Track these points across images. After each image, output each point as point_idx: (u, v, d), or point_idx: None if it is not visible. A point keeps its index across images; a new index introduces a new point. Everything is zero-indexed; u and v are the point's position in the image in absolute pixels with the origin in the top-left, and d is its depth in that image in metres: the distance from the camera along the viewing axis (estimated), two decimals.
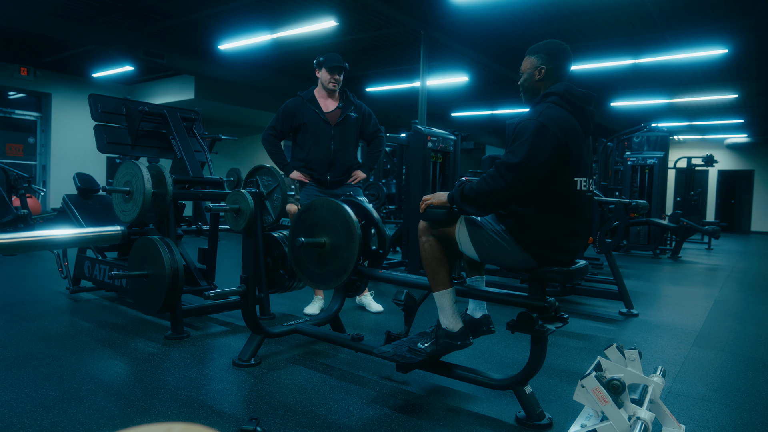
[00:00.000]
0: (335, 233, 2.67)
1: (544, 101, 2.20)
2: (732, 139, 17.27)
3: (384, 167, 8.04)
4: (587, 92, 2.22)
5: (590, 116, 2.24)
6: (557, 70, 2.27)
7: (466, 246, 2.28)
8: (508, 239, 2.21)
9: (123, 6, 7.74)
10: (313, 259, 2.77)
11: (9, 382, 2.54)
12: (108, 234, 3.45)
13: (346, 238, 2.62)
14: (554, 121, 2.08)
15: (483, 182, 2.12)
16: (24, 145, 11.52)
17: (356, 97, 3.96)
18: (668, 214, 9.33)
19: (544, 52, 2.28)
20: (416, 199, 5.31)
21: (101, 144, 4.24)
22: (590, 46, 8.80)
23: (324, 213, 2.72)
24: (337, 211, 2.67)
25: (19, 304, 4.16)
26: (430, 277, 2.37)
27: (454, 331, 2.32)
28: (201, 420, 2.19)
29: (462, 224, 2.29)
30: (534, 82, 2.30)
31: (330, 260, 2.70)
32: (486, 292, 2.43)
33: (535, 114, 2.13)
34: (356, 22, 8.15)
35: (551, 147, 2.05)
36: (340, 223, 2.65)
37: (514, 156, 2.07)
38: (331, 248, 2.69)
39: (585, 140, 2.22)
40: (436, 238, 2.35)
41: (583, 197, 2.20)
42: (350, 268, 2.61)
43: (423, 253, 2.37)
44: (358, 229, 2.60)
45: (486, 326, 2.50)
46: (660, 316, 4.45)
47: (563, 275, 2.19)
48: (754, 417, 2.42)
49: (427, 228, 2.37)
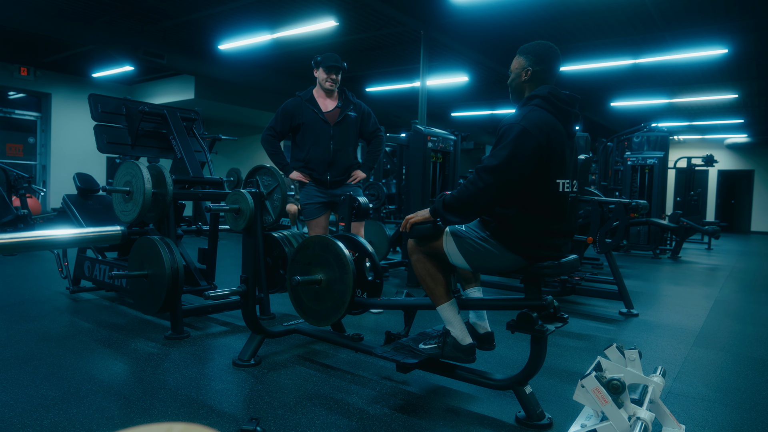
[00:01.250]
0: (329, 268, 2.71)
1: (528, 104, 2.22)
2: (732, 139, 17.26)
3: (384, 167, 8.04)
4: (571, 95, 2.24)
5: (574, 119, 2.27)
6: (543, 72, 2.29)
7: (456, 257, 2.29)
8: (494, 243, 2.22)
9: (123, 6, 7.74)
10: (311, 296, 2.80)
11: (9, 382, 2.54)
12: (108, 234, 3.45)
13: (340, 272, 2.65)
14: (536, 125, 2.10)
15: (463, 188, 2.15)
16: (24, 145, 11.52)
17: (355, 97, 3.95)
18: (668, 214, 9.33)
19: (533, 53, 2.30)
20: (416, 199, 5.31)
21: (101, 144, 4.24)
22: (590, 46, 8.80)
23: (317, 250, 2.76)
24: (329, 247, 2.71)
25: (19, 304, 4.16)
26: (429, 294, 2.39)
27: (463, 345, 2.33)
28: (201, 420, 2.19)
29: (448, 236, 2.31)
30: (520, 83, 2.33)
31: (327, 296, 2.73)
32: (483, 301, 2.45)
33: (518, 117, 2.15)
34: (356, 22, 8.15)
35: (531, 151, 2.07)
36: (333, 257, 2.69)
37: (494, 159, 2.10)
38: (327, 284, 2.73)
39: (569, 142, 2.24)
40: (426, 254, 2.37)
41: (566, 199, 2.21)
42: (347, 300, 2.64)
43: (416, 271, 2.40)
44: (351, 263, 2.63)
45: (488, 344, 2.52)
46: (660, 316, 4.45)
47: (555, 269, 2.20)
48: (754, 417, 2.42)
49: (415, 246, 2.40)
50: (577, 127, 2.32)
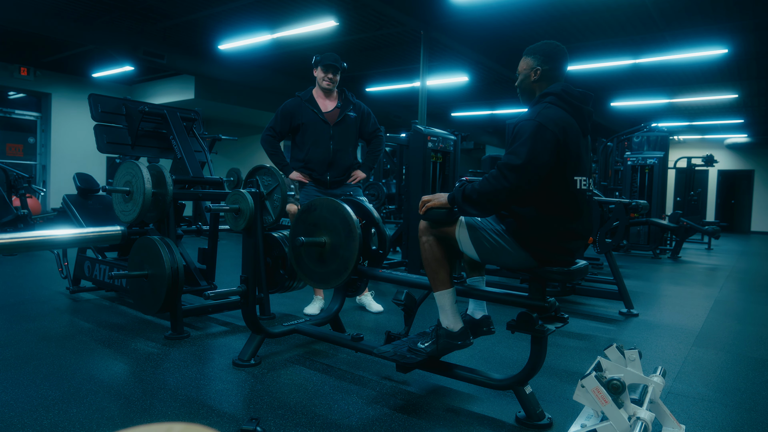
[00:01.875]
0: (335, 232, 2.67)
1: (541, 101, 2.21)
2: (732, 139, 17.26)
3: (384, 167, 8.05)
4: (584, 92, 2.23)
5: (588, 116, 2.25)
6: (553, 71, 2.29)
7: (467, 246, 2.28)
8: (508, 239, 2.21)
9: (123, 6, 7.74)
10: (314, 259, 2.77)
11: (9, 382, 2.54)
12: (108, 234, 3.46)
13: (346, 237, 2.62)
14: (552, 121, 2.09)
15: (486, 183, 2.12)
16: (24, 145, 11.52)
17: (355, 97, 3.95)
18: (668, 214, 9.33)
19: (540, 53, 2.30)
20: (416, 199, 5.30)
21: (101, 144, 4.24)
22: (590, 46, 8.79)
23: (324, 212, 2.72)
24: (337, 210, 2.67)
25: (19, 304, 4.16)
26: (430, 277, 2.37)
27: (455, 331, 2.32)
28: (201, 420, 2.19)
29: (462, 224, 2.30)
30: (530, 83, 2.32)
31: (330, 259, 2.70)
32: (486, 292, 2.43)
33: (533, 114, 2.14)
34: (356, 22, 8.15)
35: (551, 146, 2.06)
36: (340, 222, 2.65)
37: (516, 157, 2.07)
38: (332, 247, 2.69)
39: (583, 140, 2.23)
40: (436, 237, 2.35)
41: (583, 196, 2.21)
42: (350, 267, 2.61)
43: (423, 253, 2.37)
44: (358, 228, 2.60)
45: (486, 327, 2.50)
46: (660, 316, 4.45)
47: (563, 275, 2.19)
48: (754, 417, 2.42)
49: (427, 228, 2.38)
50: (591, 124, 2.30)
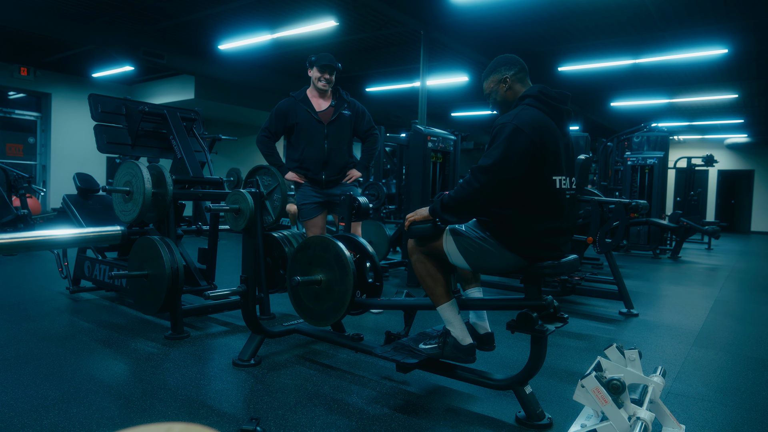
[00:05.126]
0: (330, 269, 2.70)
1: (520, 103, 2.24)
2: (732, 139, 17.26)
3: (384, 167, 8.04)
4: (562, 92, 2.26)
5: (566, 115, 2.28)
6: (520, 73, 2.35)
7: (456, 257, 2.30)
8: (493, 243, 2.22)
9: (123, 6, 7.74)
10: (311, 297, 2.79)
11: (9, 382, 2.54)
12: (108, 234, 3.45)
13: (341, 273, 2.65)
14: (528, 123, 2.11)
15: (460, 188, 2.17)
16: (24, 145, 11.52)
17: (349, 95, 3.95)
18: (668, 214, 9.33)
19: (500, 65, 2.37)
20: (416, 199, 5.31)
21: (101, 144, 4.24)
22: (590, 46, 8.80)
23: (317, 250, 2.75)
24: (329, 247, 2.70)
25: (19, 304, 4.16)
26: (429, 294, 2.40)
27: (463, 345, 2.34)
28: (201, 420, 2.19)
29: (448, 236, 2.32)
30: (504, 95, 2.36)
31: (327, 297, 2.72)
32: (484, 301, 2.45)
33: (509, 117, 2.16)
34: (356, 22, 8.15)
35: (525, 148, 2.08)
36: (333, 258, 2.68)
37: (488, 159, 2.12)
38: (327, 284, 2.72)
39: (563, 139, 2.24)
40: (426, 254, 2.38)
41: (564, 195, 2.21)
42: (347, 302, 2.63)
43: (417, 271, 2.41)
44: (352, 264, 2.62)
45: (488, 344, 2.53)
46: (660, 316, 4.45)
47: (554, 268, 2.20)
48: (754, 417, 2.42)
49: (415, 246, 2.41)
50: (570, 124, 2.33)
